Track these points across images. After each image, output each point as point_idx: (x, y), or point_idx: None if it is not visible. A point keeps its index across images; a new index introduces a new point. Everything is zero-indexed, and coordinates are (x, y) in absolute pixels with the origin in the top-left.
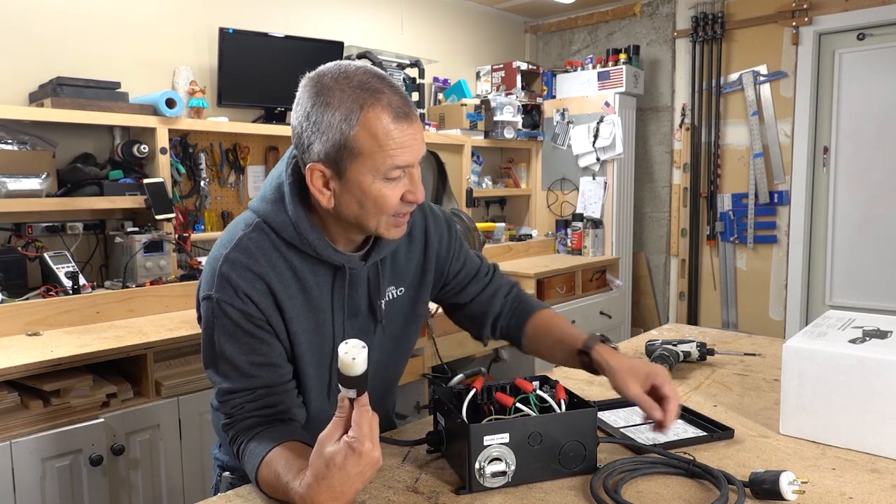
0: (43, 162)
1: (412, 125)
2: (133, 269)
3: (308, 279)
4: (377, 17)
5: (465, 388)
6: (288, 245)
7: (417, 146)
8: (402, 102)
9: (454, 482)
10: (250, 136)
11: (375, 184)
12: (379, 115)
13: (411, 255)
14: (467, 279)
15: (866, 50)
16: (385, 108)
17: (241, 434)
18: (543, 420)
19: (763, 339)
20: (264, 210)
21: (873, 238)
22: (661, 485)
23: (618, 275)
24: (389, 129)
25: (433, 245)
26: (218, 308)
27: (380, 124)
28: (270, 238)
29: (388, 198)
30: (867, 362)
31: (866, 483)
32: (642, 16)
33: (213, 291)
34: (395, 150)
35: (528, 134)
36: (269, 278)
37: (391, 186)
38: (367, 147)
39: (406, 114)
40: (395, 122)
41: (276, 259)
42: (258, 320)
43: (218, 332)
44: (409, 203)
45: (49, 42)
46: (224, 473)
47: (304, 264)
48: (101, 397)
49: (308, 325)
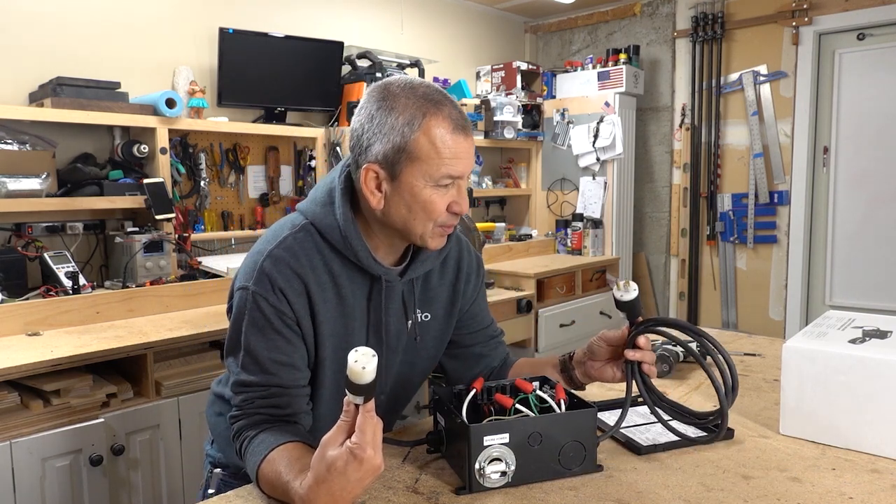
0: (43, 162)
1: (467, 139)
2: (133, 269)
3: (345, 286)
4: (377, 17)
5: (465, 388)
6: (331, 249)
7: (469, 160)
8: (460, 117)
9: (454, 482)
10: (250, 136)
11: (426, 189)
12: (440, 124)
13: (443, 284)
14: (478, 327)
15: (866, 50)
16: (446, 119)
17: (247, 429)
18: (543, 420)
19: (763, 339)
20: (313, 212)
21: (873, 238)
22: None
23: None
24: (447, 138)
25: (462, 279)
26: (252, 300)
27: (439, 132)
28: (315, 240)
29: (437, 204)
30: (867, 362)
31: (866, 483)
32: (642, 16)
33: (250, 283)
34: (450, 159)
35: (528, 134)
36: (307, 279)
37: (440, 194)
38: (425, 152)
39: (463, 127)
40: (453, 132)
41: (318, 262)
42: (289, 319)
43: (247, 323)
44: (454, 214)
45: (49, 42)
46: (215, 470)
47: (343, 270)
48: (101, 397)
49: (337, 329)
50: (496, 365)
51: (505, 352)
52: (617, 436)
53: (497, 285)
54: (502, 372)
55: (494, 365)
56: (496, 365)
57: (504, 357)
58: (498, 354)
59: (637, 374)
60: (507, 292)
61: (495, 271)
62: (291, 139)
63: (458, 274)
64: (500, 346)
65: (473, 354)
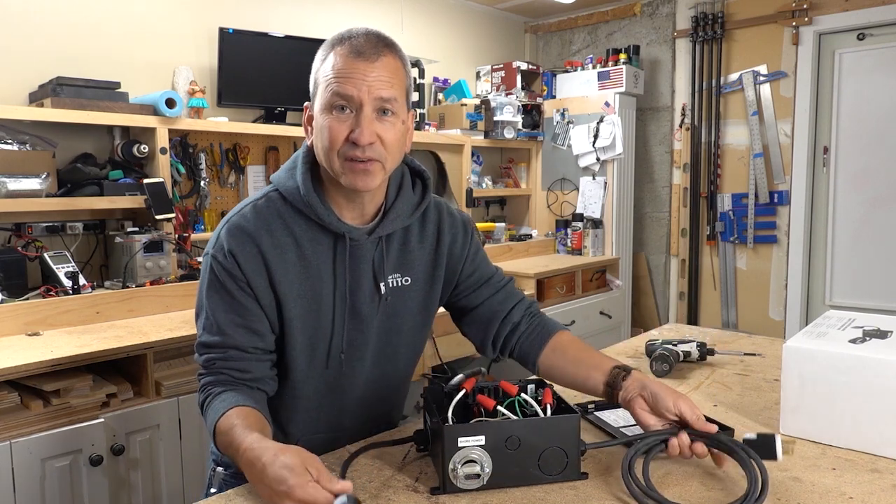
0: (43, 162)
1: (371, 64)
2: (133, 269)
3: (307, 247)
4: (377, 17)
5: (456, 388)
6: (294, 211)
7: (367, 84)
8: (366, 45)
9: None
10: (250, 136)
11: (323, 115)
12: (339, 52)
13: (423, 248)
14: (479, 282)
15: (866, 50)
16: (346, 46)
17: (211, 385)
18: (522, 424)
19: (763, 339)
20: (278, 178)
21: (873, 238)
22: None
23: (618, 275)
24: (340, 61)
25: (445, 243)
26: (209, 264)
27: (336, 58)
28: (276, 206)
29: (333, 130)
30: (867, 362)
31: (866, 483)
32: (642, 16)
33: (210, 249)
34: (340, 79)
35: (528, 134)
36: (260, 241)
37: (338, 121)
38: (322, 77)
39: (362, 53)
40: (349, 56)
41: (277, 225)
42: (240, 281)
43: (206, 285)
44: (354, 144)
45: (49, 42)
46: (218, 469)
47: (306, 233)
48: (101, 397)
49: (303, 292)
50: (517, 320)
51: (520, 301)
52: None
53: None
54: (539, 340)
55: (516, 320)
56: (517, 320)
57: (526, 308)
58: (513, 306)
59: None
60: None
61: None
62: (291, 139)
63: (440, 238)
64: (511, 296)
65: (486, 314)
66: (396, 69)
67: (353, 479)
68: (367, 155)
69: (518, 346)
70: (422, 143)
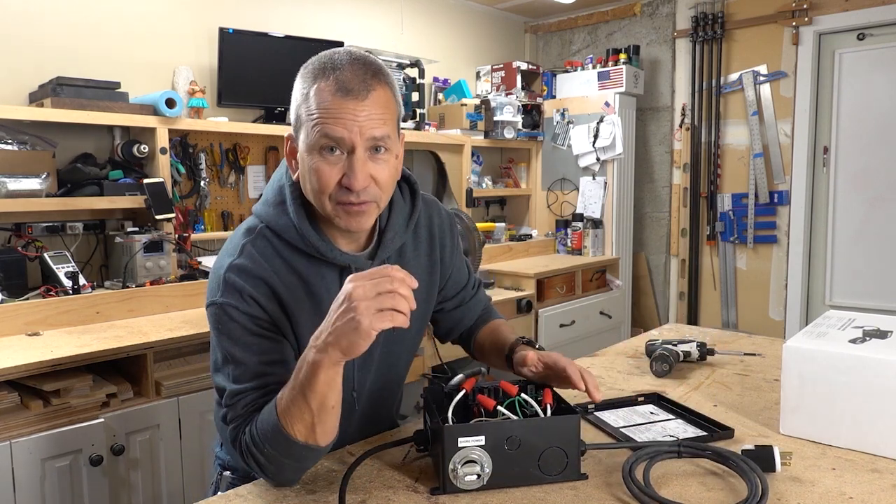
0: (43, 162)
1: (360, 103)
2: (133, 269)
3: (315, 283)
4: (377, 17)
5: (455, 388)
6: (292, 249)
7: (359, 125)
8: (353, 79)
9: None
10: (250, 136)
11: (311, 156)
12: (323, 88)
13: (418, 255)
14: (457, 289)
15: (866, 50)
16: (331, 82)
17: (244, 424)
18: (522, 424)
19: (763, 339)
20: (267, 214)
21: (873, 238)
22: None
23: (618, 275)
24: (326, 99)
25: (438, 246)
26: (223, 312)
27: (320, 95)
28: (273, 244)
29: (323, 174)
30: (867, 362)
31: (866, 483)
32: (642, 16)
33: (217, 297)
34: (326, 119)
35: (528, 134)
36: (272, 283)
37: (328, 163)
38: (306, 115)
39: (350, 90)
40: (335, 93)
41: (279, 264)
42: (264, 322)
43: (225, 336)
44: (346, 189)
45: (49, 42)
46: (225, 473)
47: (310, 268)
48: (101, 397)
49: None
50: (475, 322)
51: (482, 304)
52: (617, 435)
53: (497, 285)
54: (473, 330)
55: (474, 323)
56: (475, 322)
57: (482, 310)
58: (475, 312)
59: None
60: (507, 292)
61: (495, 271)
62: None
63: (432, 241)
64: (478, 303)
65: (454, 318)
66: (388, 101)
67: (353, 480)
68: (361, 199)
69: (460, 338)
70: (422, 143)
